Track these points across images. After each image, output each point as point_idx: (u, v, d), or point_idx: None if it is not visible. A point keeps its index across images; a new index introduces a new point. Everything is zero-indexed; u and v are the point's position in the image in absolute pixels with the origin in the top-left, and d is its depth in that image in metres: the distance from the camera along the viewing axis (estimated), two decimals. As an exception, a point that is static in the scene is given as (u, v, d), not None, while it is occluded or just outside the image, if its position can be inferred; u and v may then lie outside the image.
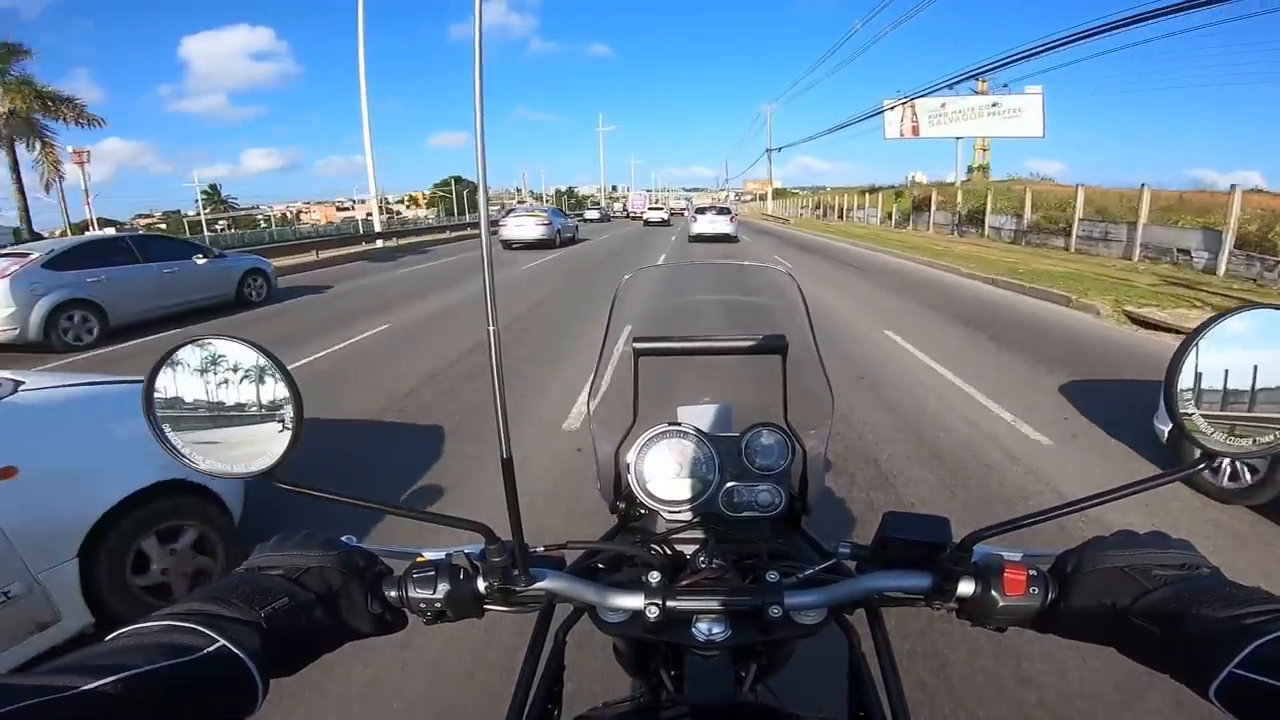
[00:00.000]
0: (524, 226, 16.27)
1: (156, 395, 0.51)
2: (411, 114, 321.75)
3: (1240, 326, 0.45)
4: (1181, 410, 0.46)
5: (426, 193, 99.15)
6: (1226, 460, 3.16)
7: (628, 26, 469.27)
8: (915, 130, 31.13)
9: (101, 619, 1.94)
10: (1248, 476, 2.77)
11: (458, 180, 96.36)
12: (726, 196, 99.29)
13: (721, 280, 1.29)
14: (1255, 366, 0.45)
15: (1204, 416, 0.46)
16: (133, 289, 7.88)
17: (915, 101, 30.78)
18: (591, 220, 40.31)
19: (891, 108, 30.07)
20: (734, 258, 15.21)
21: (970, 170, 31.61)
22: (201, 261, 8.96)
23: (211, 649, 0.42)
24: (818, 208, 41.50)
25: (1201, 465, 0.47)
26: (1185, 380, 0.46)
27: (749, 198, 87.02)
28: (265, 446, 0.51)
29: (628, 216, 42.66)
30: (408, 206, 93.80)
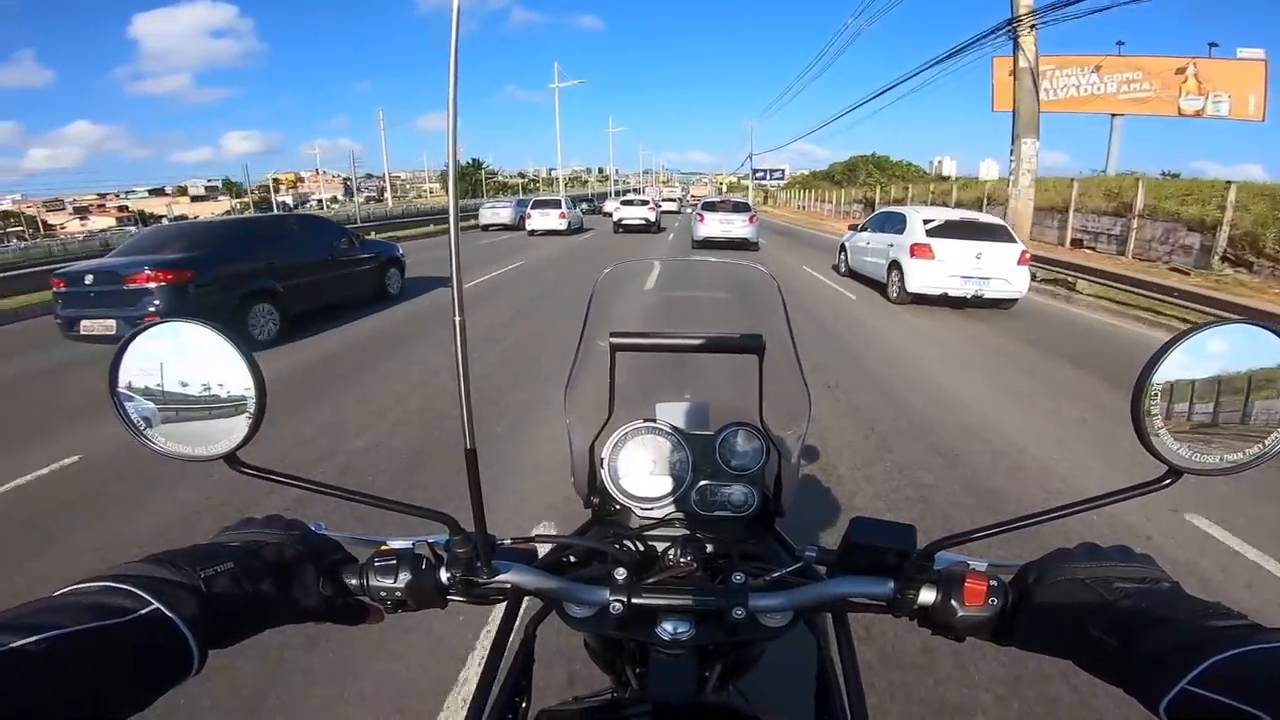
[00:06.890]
0: (635, 207, 26.92)
1: (122, 376, 0.51)
2: (388, 94, 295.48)
3: (1213, 343, 0.44)
4: (1149, 427, 0.45)
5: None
6: (897, 286, 8.15)
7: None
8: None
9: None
10: (895, 295, 8.08)
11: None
12: (722, 187, 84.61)
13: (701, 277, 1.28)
14: (1220, 382, 0.44)
15: (1170, 432, 0.45)
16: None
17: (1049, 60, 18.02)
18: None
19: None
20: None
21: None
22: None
23: (144, 611, 0.42)
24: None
25: (1168, 481, 0.46)
26: (1154, 394, 0.45)
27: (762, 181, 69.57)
28: (227, 431, 0.52)
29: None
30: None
